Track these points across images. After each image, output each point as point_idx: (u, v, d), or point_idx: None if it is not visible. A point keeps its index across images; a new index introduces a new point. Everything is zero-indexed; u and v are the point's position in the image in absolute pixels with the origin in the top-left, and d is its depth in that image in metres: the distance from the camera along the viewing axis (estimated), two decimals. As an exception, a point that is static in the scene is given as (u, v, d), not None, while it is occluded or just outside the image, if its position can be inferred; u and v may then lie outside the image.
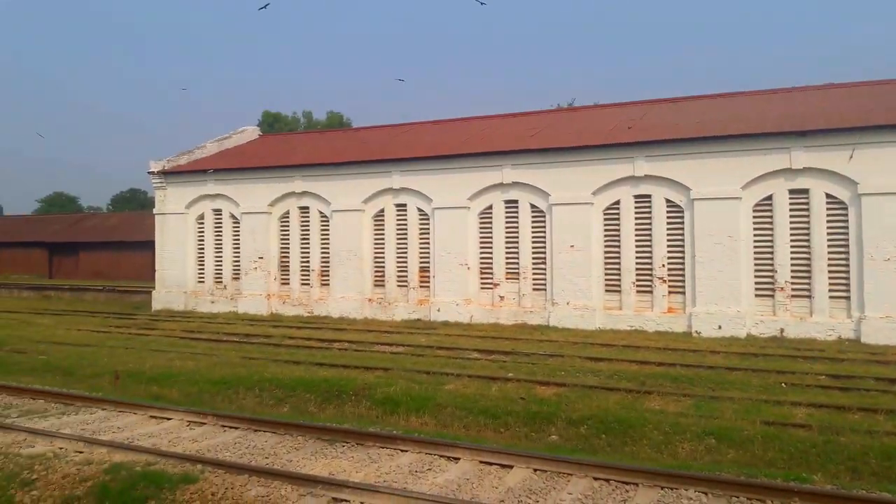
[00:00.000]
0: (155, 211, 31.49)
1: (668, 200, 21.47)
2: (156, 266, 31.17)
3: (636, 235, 21.90)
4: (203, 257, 30.22)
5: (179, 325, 24.17)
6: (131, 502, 7.46)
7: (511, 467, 8.33)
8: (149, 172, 31.03)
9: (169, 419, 10.84)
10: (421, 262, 25.41)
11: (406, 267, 25.68)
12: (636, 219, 21.93)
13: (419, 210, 25.51)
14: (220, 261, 29.81)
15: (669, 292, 21.33)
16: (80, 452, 8.91)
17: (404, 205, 25.82)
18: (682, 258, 21.20)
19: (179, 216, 30.42)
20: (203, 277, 30.14)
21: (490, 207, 24.14)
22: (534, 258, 23.35)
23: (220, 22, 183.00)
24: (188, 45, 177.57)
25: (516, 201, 23.67)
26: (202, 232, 30.25)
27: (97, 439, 9.42)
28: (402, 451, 9.07)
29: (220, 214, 29.84)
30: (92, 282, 43.61)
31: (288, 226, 28.36)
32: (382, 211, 26.26)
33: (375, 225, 26.50)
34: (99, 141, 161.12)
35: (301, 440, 9.66)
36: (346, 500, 7.33)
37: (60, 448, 9.12)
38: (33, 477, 8.22)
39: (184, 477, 7.81)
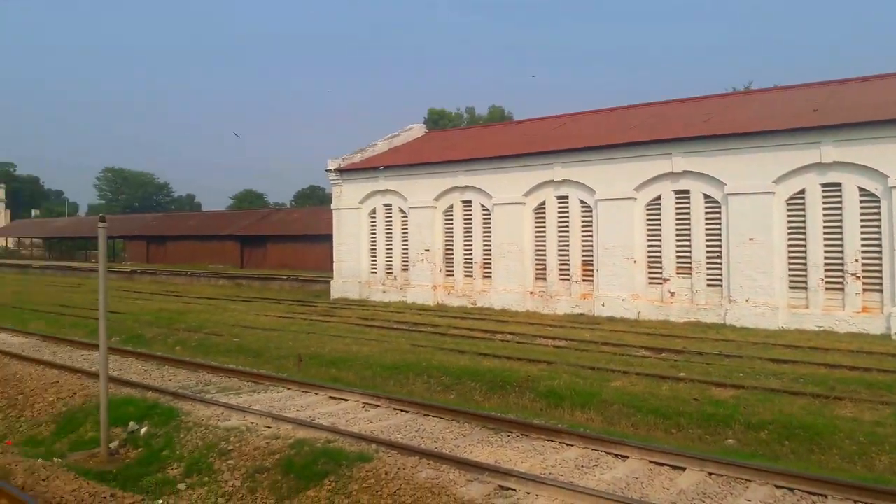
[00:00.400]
0: (332, 206, 33.51)
1: (861, 189, 19.48)
2: (333, 257, 33.19)
3: (824, 227, 20.07)
4: (375, 249, 31.72)
5: (355, 312, 25.55)
6: (313, 476, 8.01)
7: (683, 469, 7.99)
8: (326, 170, 33.06)
9: (346, 400, 11.52)
10: (584, 256, 24.95)
11: (568, 260, 25.34)
12: (824, 209, 20.10)
13: (581, 202, 25.04)
14: (391, 253, 31.13)
15: (864, 290, 19.37)
16: (269, 427, 9.69)
17: (566, 197, 25.47)
18: (879, 252, 19.17)
19: (354, 211, 32.14)
20: (375, 268, 31.65)
21: (658, 198, 23.18)
22: (708, 252, 22.12)
23: (393, 28, 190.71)
24: (365, 52, 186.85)
25: (688, 191, 22.54)
26: (374, 225, 31.75)
27: (283, 416, 10.21)
28: (567, 444, 9.00)
29: (390, 209, 31.14)
30: (278, 271, 47.26)
31: (452, 219, 29.03)
32: (543, 203, 26.08)
33: (537, 217, 26.39)
34: (283, 142, 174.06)
35: (468, 427, 9.87)
36: (511, 489, 7.41)
37: (252, 422, 9.98)
38: (229, 447, 9.07)
39: (360, 455, 8.27)
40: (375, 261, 31.70)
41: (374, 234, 31.76)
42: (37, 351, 16.03)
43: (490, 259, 27.52)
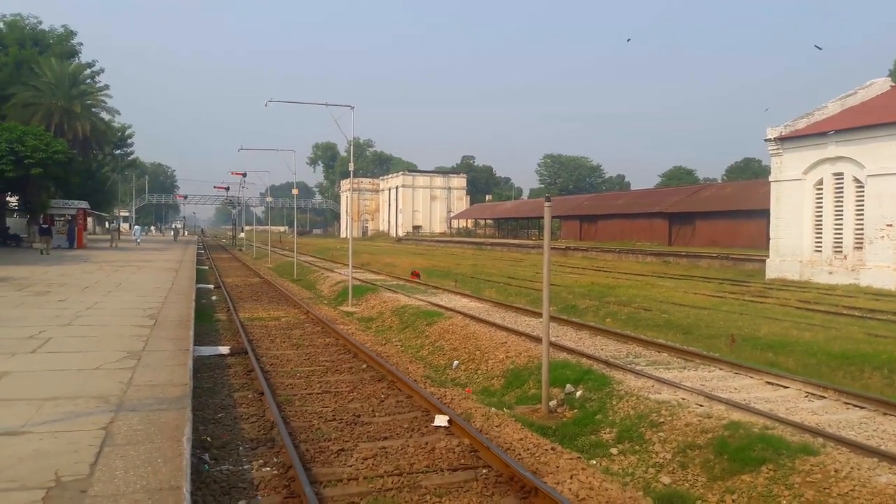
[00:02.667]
0: (770, 178, 30.99)
1: None
2: (770, 234, 30.72)
3: None
4: (820, 225, 28.35)
5: (794, 294, 23.29)
6: (749, 461, 7.53)
7: None
8: (765, 140, 30.63)
9: (786, 387, 10.56)
10: None
11: None
12: None
13: None
14: (840, 229, 27.46)
15: None
16: (700, 406, 9.42)
17: None
18: None
19: (795, 182, 29.18)
20: (820, 246, 28.32)
21: None
22: None
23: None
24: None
25: None
26: (820, 198, 28.37)
27: (716, 396, 9.82)
28: None
29: (841, 178, 27.42)
30: (707, 249, 45.71)
31: (926, 187, 24.24)
32: None
33: None
34: (713, 115, 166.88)
35: (947, 435, 8.17)
36: None
37: (682, 398, 9.81)
38: (660, 420, 9.07)
39: (802, 447, 7.49)
40: (820, 238, 28.33)
41: (820, 207, 28.38)
42: (489, 315, 18.31)
43: (979, 235, 22.25)
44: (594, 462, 8.53)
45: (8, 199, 48.16)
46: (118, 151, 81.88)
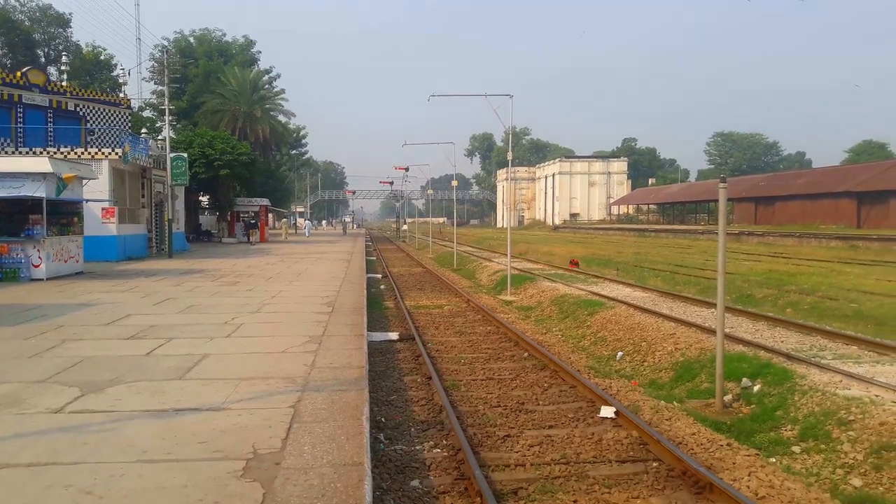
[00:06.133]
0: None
1: None
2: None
3: None
4: None
5: None
6: (959, 468, 6.76)
7: None
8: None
9: None
10: None
11: None
12: None
13: None
14: None
15: None
16: (897, 403, 8.57)
17: None
18: None
19: None
20: None
21: None
22: None
23: None
24: None
25: None
26: None
27: (916, 394, 8.89)
28: None
29: None
30: (902, 232, 41.22)
31: None
32: None
33: None
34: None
35: None
36: None
37: (876, 395, 8.97)
38: (850, 418, 8.36)
39: None
40: None
41: None
42: (655, 304, 17.69)
43: None
44: (774, 460, 8.04)
45: (200, 198, 53.30)
46: (294, 151, 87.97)
